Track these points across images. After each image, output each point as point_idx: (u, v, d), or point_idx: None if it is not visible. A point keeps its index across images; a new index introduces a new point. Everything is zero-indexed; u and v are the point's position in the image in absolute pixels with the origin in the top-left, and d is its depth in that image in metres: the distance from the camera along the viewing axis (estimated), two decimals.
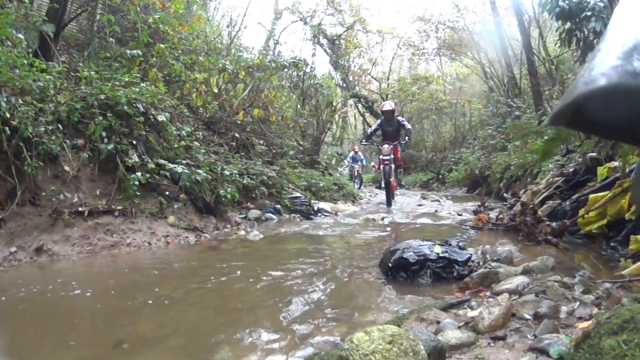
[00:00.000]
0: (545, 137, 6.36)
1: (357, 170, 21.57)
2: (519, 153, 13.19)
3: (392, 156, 11.80)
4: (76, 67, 7.75)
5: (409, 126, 12.51)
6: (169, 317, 3.40)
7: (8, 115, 5.17)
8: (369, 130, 13.07)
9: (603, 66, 0.62)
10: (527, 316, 2.78)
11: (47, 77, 6.06)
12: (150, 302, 3.74)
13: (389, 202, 11.80)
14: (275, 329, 3.05)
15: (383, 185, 12.43)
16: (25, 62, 5.82)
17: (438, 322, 2.84)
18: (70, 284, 4.20)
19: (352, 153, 22.42)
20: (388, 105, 12.94)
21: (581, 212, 5.56)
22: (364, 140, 13.18)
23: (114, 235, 5.76)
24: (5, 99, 5.25)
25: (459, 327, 2.73)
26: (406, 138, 12.49)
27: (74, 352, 2.77)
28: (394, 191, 12.74)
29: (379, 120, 13.09)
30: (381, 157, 12.09)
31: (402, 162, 13.91)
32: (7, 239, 4.89)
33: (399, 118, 12.73)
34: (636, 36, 0.64)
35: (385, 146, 11.94)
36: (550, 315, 2.73)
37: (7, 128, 5.09)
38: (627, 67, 0.60)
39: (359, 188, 20.37)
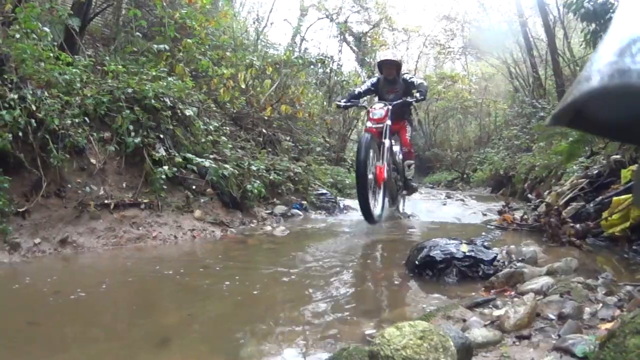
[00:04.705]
0: (570, 139, 6.25)
1: None
2: (544, 154, 12.95)
3: (387, 122, 7.16)
4: (102, 61, 7.75)
5: (421, 81, 7.92)
6: (193, 312, 3.37)
7: (34, 107, 5.16)
8: (355, 90, 8.39)
9: (600, 62, 0.64)
10: (551, 316, 2.77)
11: (74, 70, 6.05)
12: (175, 295, 3.76)
13: (366, 216, 6.64)
14: (301, 323, 3.03)
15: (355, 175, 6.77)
16: (52, 55, 5.81)
17: (464, 320, 2.83)
18: (95, 275, 4.28)
19: None
20: (390, 54, 8.74)
21: (604, 214, 5.48)
22: (341, 102, 8.05)
23: (140, 228, 5.75)
24: (31, 92, 5.25)
25: (485, 326, 2.72)
26: (417, 94, 7.47)
27: (99, 346, 2.76)
28: (396, 194, 8.45)
29: (373, 79, 8.49)
30: (368, 123, 7.34)
31: (412, 150, 8.62)
32: (32, 231, 4.88)
33: (406, 76, 8.13)
34: (632, 32, 0.65)
35: (377, 105, 7.41)
36: (574, 316, 2.71)
37: (33, 120, 5.08)
38: (619, 65, 0.61)
39: None
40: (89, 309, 3.45)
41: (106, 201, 5.67)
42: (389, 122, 7.16)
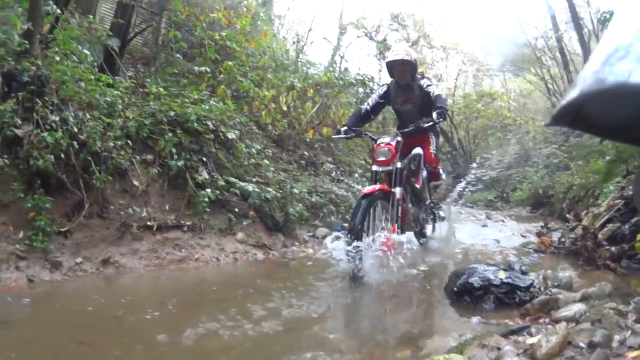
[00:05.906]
0: (607, 157, 6.11)
1: None
2: (582, 172, 12.67)
3: (396, 165, 5.50)
4: (143, 82, 7.79)
5: (438, 91, 5.89)
6: (238, 336, 3.34)
7: (76, 129, 5.19)
8: (362, 108, 6.57)
9: (588, 69, 0.67)
10: (582, 345, 2.84)
11: (115, 92, 6.06)
12: (219, 318, 3.67)
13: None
14: (341, 349, 3.12)
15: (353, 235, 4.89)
16: (92, 77, 5.83)
17: (499, 349, 2.89)
18: (139, 295, 4.36)
19: None
20: (401, 52, 6.17)
21: (638, 236, 5.44)
22: (341, 130, 6.21)
23: (183, 250, 5.71)
24: (72, 114, 5.27)
25: (518, 355, 2.80)
26: (434, 114, 5.47)
27: None
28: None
29: (384, 87, 6.60)
30: (373, 167, 5.74)
31: (439, 168, 6.87)
32: (73, 250, 4.89)
33: (424, 81, 6.12)
34: (617, 42, 0.66)
35: (383, 140, 5.63)
36: (603, 345, 2.76)
37: (75, 142, 5.10)
38: (600, 74, 0.63)
39: None
40: (133, 330, 3.43)
41: (149, 223, 5.65)
42: (399, 164, 5.54)
